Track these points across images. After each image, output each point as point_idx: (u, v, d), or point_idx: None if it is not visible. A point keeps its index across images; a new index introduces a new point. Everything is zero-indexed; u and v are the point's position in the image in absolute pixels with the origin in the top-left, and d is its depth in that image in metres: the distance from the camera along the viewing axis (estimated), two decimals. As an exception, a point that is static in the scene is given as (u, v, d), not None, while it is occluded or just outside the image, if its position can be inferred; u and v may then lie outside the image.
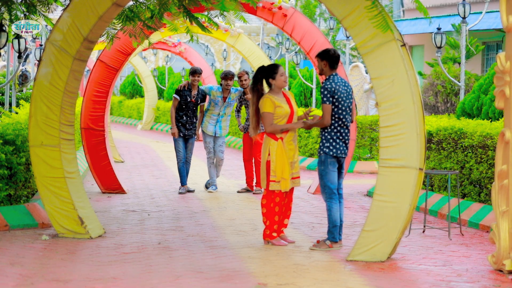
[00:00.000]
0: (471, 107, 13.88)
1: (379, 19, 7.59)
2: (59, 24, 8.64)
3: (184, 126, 12.75)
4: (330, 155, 8.19)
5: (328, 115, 8.17)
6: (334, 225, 8.17)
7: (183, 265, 7.38)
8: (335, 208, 8.16)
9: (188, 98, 12.69)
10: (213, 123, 12.85)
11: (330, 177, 8.22)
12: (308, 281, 6.78)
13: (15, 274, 6.82)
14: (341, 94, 8.22)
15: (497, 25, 23.51)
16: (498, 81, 7.29)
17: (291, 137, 8.38)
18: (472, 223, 9.86)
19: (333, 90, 8.17)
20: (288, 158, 8.34)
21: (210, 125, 12.85)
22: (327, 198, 8.21)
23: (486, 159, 10.05)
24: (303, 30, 13.27)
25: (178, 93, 12.69)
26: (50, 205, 8.71)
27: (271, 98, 8.37)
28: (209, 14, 11.16)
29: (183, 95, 12.69)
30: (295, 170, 8.44)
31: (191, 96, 12.71)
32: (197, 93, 12.78)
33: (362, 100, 20.70)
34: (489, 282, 6.90)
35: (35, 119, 8.67)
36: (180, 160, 12.76)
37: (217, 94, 12.75)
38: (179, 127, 12.73)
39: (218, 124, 12.90)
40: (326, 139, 8.21)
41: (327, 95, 8.16)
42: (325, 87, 8.20)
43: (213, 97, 12.76)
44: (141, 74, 30.35)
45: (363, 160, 17.35)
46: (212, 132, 12.86)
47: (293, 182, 8.42)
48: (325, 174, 8.22)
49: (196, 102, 12.77)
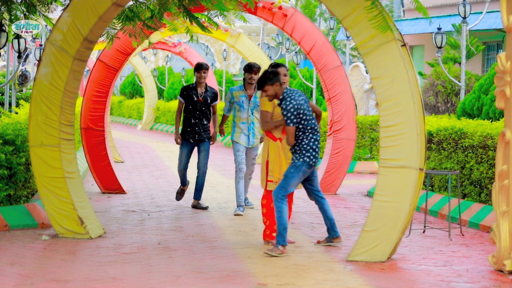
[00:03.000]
0: (472, 107, 13.87)
1: (379, 19, 7.58)
2: (59, 24, 8.64)
3: (193, 130, 11.09)
4: (308, 164, 8.09)
5: (292, 136, 8.04)
6: (284, 227, 7.91)
7: (183, 265, 7.37)
8: (285, 210, 7.99)
9: (194, 97, 11.07)
10: (246, 132, 10.76)
11: (295, 182, 8.09)
12: (308, 281, 6.77)
13: (15, 274, 6.81)
14: (302, 106, 8.06)
15: (497, 25, 23.49)
16: (498, 81, 7.28)
17: None
18: (473, 224, 9.85)
19: (295, 107, 8.01)
20: (287, 159, 8.32)
21: (243, 135, 10.76)
22: (279, 199, 7.97)
23: (487, 159, 10.04)
24: (303, 30, 13.26)
25: (182, 94, 11.15)
26: (50, 205, 8.70)
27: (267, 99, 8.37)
28: (209, 14, 11.15)
29: (188, 95, 11.10)
30: None
31: (198, 95, 11.10)
32: (205, 91, 11.13)
33: (362, 100, 20.69)
34: (490, 283, 6.89)
35: (35, 119, 8.66)
36: (180, 170, 11.31)
37: (240, 93, 10.70)
38: (187, 132, 11.11)
39: (252, 132, 10.80)
40: (306, 149, 8.06)
41: (290, 117, 7.98)
42: (287, 109, 7.99)
43: (236, 98, 10.70)
44: (141, 74, 30.35)
45: (363, 160, 17.35)
46: (245, 142, 10.77)
47: None
48: (292, 178, 8.04)
49: (205, 101, 11.11)
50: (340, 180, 13.16)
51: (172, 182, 14.44)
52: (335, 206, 11.81)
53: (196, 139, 11.08)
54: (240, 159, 10.68)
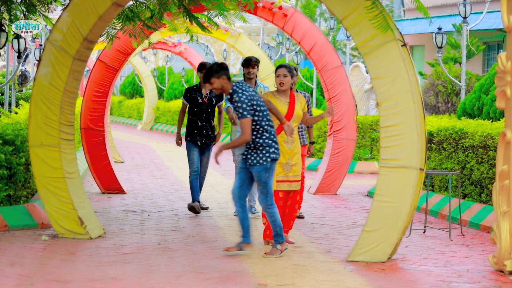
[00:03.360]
0: (472, 107, 13.86)
1: (379, 19, 7.57)
2: (58, 24, 8.62)
3: (200, 133, 10.65)
4: (275, 159, 7.75)
5: (249, 129, 7.58)
6: (280, 227, 7.75)
7: (183, 266, 7.36)
8: (277, 211, 7.79)
9: (198, 99, 10.66)
10: None
11: (272, 181, 7.79)
12: (308, 282, 6.76)
13: (14, 275, 6.81)
14: (254, 97, 7.71)
15: (498, 25, 23.49)
16: (499, 81, 7.27)
17: (282, 139, 8.31)
18: (473, 224, 9.84)
19: (249, 98, 7.61)
20: (280, 160, 8.24)
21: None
22: (269, 206, 7.72)
23: (487, 160, 10.03)
24: (303, 30, 13.26)
25: (186, 96, 10.75)
26: (50, 206, 8.69)
27: (269, 94, 8.36)
28: (209, 14, 11.14)
29: (192, 97, 10.68)
30: (292, 174, 8.35)
31: (203, 97, 10.69)
32: (210, 91, 10.69)
33: (363, 100, 20.68)
34: (490, 283, 6.88)
35: (35, 119, 8.65)
36: (193, 172, 10.69)
37: None
38: (194, 135, 10.66)
39: None
40: (269, 145, 7.70)
41: (246, 108, 7.55)
42: (240, 101, 7.54)
43: None
44: (141, 74, 30.35)
45: (364, 160, 17.34)
46: None
47: (289, 185, 8.36)
48: (269, 181, 7.73)
49: (210, 103, 10.69)
50: (340, 180, 13.15)
51: (172, 182, 14.43)
52: (335, 206, 11.80)
53: (204, 142, 10.68)
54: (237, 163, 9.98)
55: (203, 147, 10.72)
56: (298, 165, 8.39)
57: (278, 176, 8.32)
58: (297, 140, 8.41)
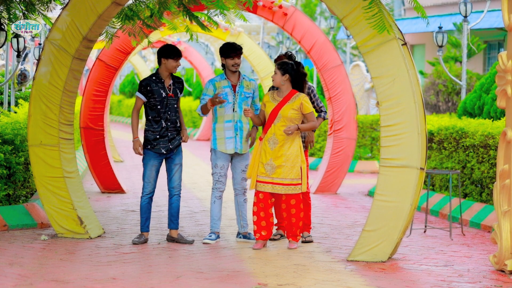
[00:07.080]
0: (473, 106, 13.83)
1: (376, 19, 7.53)
2: (58, 23, 8.61)
3: (165, 136, 8.41)
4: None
5: None
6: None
7: (183, 265, 7.34)
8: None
9: (162, 93, 8.39)
10: (231, 134, 8.43)
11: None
12: (308, 282, 6.74)
13: (14, 274, 6.79)
14: None
15: (498, 24, 23.47)
16: (499, 80, 7.26)
17: (267, 138, 8.21)
18: (474, 223, 9.82)
19: None
20: (262, 159, 8.19)
21: (228, 139, 8.43)
22: None
23: (488, 159, 10.01)
24: (303, 29, 13.24)
25: (143, 90, 8.40)
26: (49, 205, 8.67)
27: (268, 94, 8.33)
28: (209, 13, 11.12)
29: (153, 90, 8.39)
30: (277, 176, 8.11)
31: (166, 89, 8.46)
32: (173, 82, 8.54)
33: (363, 100, 20.65)
34: (491, 283, 6.86)
35: (34, 118, 8.64)
36: (147, 195, 8.54)
37: (223, 83, 8.50)
38: (157, 140, 8.38)
39: (239, 134, 8.45)
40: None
41: None
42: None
43: (219, 90, 8.45)
44: (140, 73, 30.32)
45: (364, 160, 17.32)
46: (232, 149, 8.45)
47: (273, 187, 8.16)
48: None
49: (176, 96, 8.51)
50: (340, 180, 13.14)
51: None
52: (335, 205, 11.79)
53: (170, 148, 8.43)
54: (220, 174, 8.51)
55: (170, 154, 8.50)
56: (285, 168, 8.08)
57: (259, 176, 8.18)
58: (287, 143, 8.12)
